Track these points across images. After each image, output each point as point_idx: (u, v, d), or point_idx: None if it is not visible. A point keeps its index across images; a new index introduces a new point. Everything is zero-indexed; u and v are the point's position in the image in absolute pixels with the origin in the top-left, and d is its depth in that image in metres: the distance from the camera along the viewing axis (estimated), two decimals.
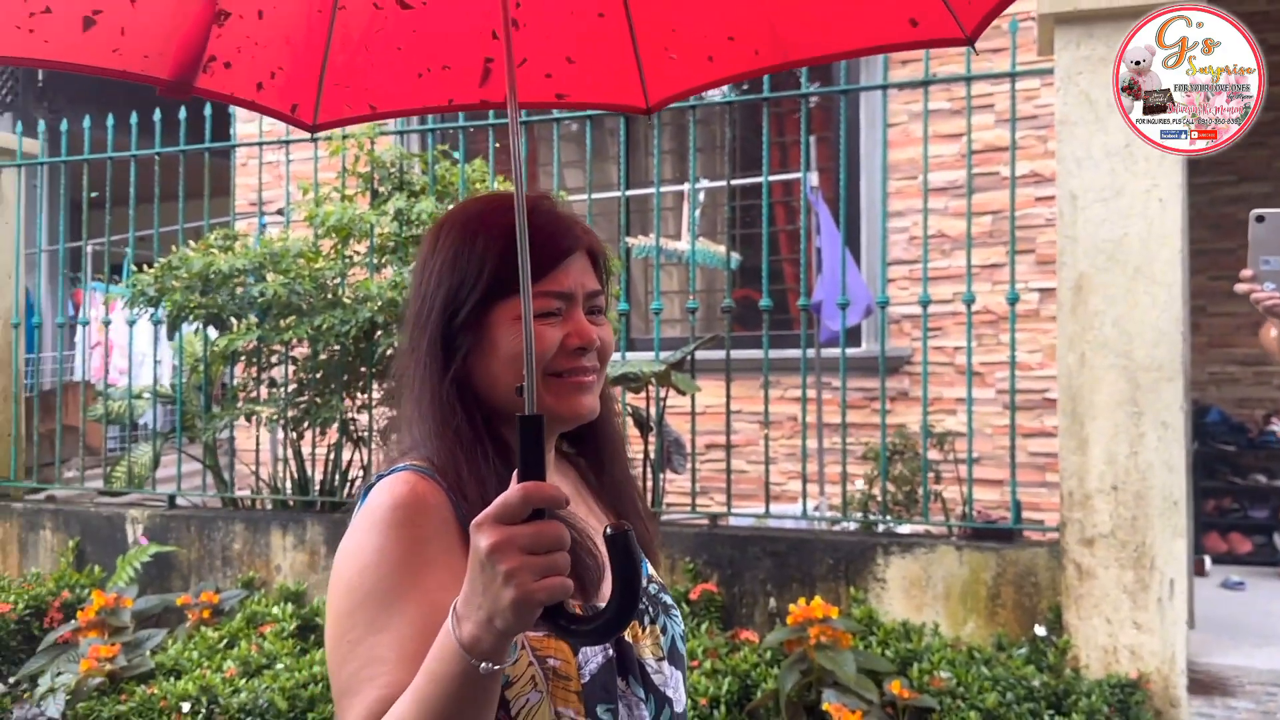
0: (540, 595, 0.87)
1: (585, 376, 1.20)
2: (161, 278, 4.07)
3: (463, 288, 1.17)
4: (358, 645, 1.03)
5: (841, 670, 3.12)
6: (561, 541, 0.89)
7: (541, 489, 0.90)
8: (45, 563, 4.65)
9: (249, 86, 1.64)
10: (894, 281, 5.38)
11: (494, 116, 4.18)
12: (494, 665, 0.90)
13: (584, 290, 1.21)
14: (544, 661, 1.09)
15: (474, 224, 1.21)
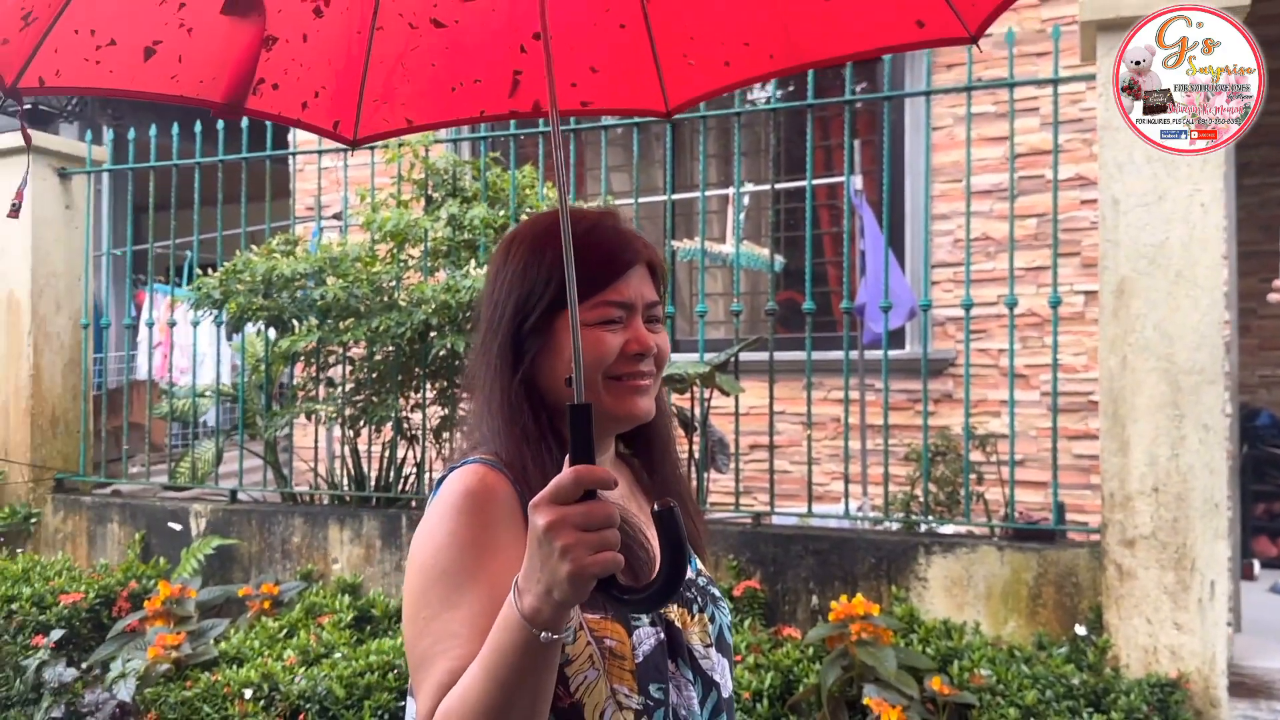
0: (594, 568, 0.95)
1: (642, 380, 1.30)
2: (225, 281, 4.23)
3: (531, 296, 1.27)
4: (432, 621, 1.12)
5: (882, 666, 3.18)
6: (611, 519, 0.97)
7: (592, 471, 0.98)
8: (113, 554, 4.84)
9: (295, 106, 1.76)
10: (938, 284, 5.41)
11: (543, 124, 4.29)
12: (553, 635, 0.98)
13: (644, 301, 1.30)
14: (601, 641, 1.18)
15: (543, 238, 1.31)
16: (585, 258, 1.24)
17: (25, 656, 4.01)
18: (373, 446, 4.59)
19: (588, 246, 1.27)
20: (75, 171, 5.19)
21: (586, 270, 1.24)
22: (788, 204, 5.89)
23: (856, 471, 5.26)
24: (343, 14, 1.66)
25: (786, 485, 5.30)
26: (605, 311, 1.27)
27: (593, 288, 1.26)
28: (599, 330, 1.27)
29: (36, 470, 4.99)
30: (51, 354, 5.11)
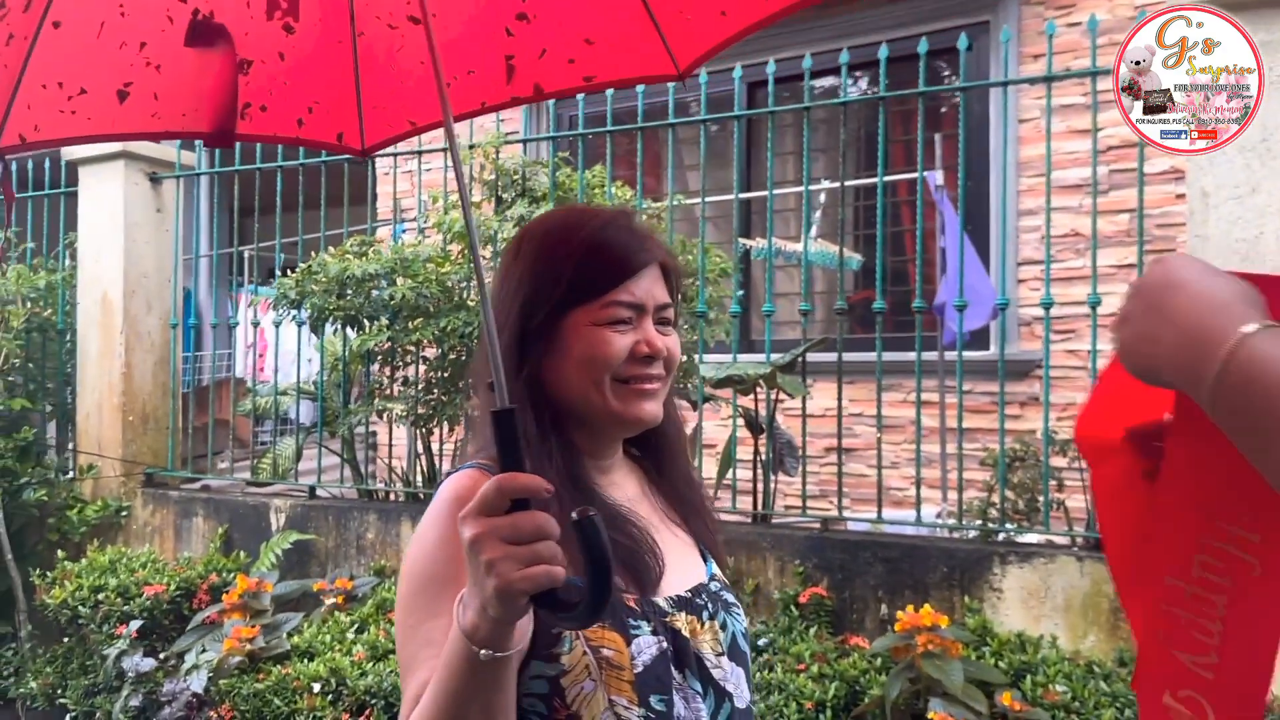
0: (521, 584, 0.90)
1: (650, 384, 1.27)
2: (302, 282, 4.31)
3: (540, 294, 1.24)
4: (416, 629, 1.11)
5: (949, 680, 3.06)
6: (543, 531, 0.92)
7: (514, 479, 0.93)
8: (197, 547, 4.98)
9: (289, 124, 1.75)
10: (1024, 282, 5.22)
11: (611, 122, 4.26)
12: (495, 653, 0.95)
13: (655, 302, 1.27)
14: (598, 651, 1.14)
15: (554, 235, 1.29)
16: (597, 256, 1.24)
17: (109, 645, 4.15)
18: (445, 444, 4.63)
19: (600, 244, 1.25)
20: (165, 176, 5.36)
21: (597, 269, 1.23)
22: (866, 201, 5.76)
23: (932, 477, 5.11)
24: (316, 26, 1.65)
25: (861, 489, 5.18)
26: (614, 311, 1.24)
27: (603, 287, 1.24)
28: (607, 330, 1.24)
29: (127, 465, 5.17)
30: (142, 352, 5.29)
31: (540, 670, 1.13)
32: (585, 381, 1.25)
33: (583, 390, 1.26)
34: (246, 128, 1.69)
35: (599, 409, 1.27)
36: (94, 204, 5.32)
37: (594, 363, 1.23)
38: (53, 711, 4.48)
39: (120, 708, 3.96)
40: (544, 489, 0.94)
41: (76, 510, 5.03)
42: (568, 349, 1.24)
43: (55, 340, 5.58)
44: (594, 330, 1.23)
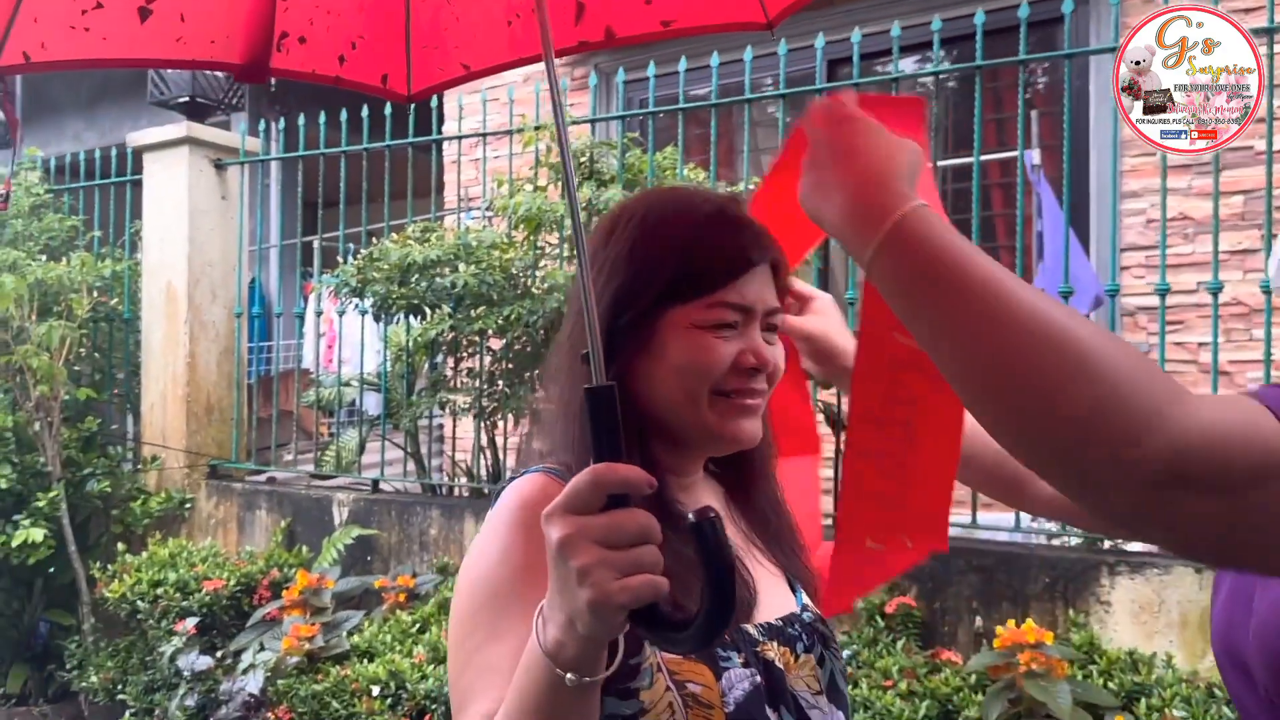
0: (620, 597, 0.76)
1: (753, 399, 1.11)
2: (364, 269, 4.16)
3: (636, 285, 1.09)
4: (475, 653, 0.97)
5: (1055, 702, 2.79)
6: (646, 533, 0.78)
7: (614, 470, 0.79)
8: (260, 541, 4.88)
9: (330, 61, 1.56)
10: (1128, 269, 4.86)
11: (683, 100, 4.03)
12: (583, 677, 0.80)
13: (764, 306, 1.12)
14: (683, 687, 0.99)
15: (656, 218, 1.12)
16: (706, 248, 1.09)
17: (167, 641, 4.05)
18: (510, 438, 4.46)
19: (708, 235, 1.10)
20: (230, 162, 5.27)
21: (706, 263, 1.09)
22: (954, 184, 5.44)
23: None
24: None
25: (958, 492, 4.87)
26: (720, 314, 1.08)
27: (709, 284, 1.08)
28: (709, 335, 1.08)
29: (191, 457, 5.09)
30: (207, 342, 5.21)
31: (614, 709, 0.97)
32: (679, 391, 1.08)
33: (675, 400, 1.09)
34: (282, 61, 1.52)
35: (692, 423, 1.09)
36: (158, 191, 5.25)
37: (693, 371, 1.08)
38: (113, 706, 4.41)
39: (177, 706, 3.86)
40: (647, 483, 0.79)
41: (140, 502, 4.97)
42: (663, 351, 1.08)
43: (122, 330, 5.54)
44: (695, 333, 1.08)
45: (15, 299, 4.47)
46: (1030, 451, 0.76)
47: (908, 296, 0.83)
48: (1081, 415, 0.71)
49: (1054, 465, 0.75)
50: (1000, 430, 0.78)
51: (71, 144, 6.09)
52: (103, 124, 8.93)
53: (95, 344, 5.54)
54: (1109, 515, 0.77)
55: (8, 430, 4.76)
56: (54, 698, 4.93)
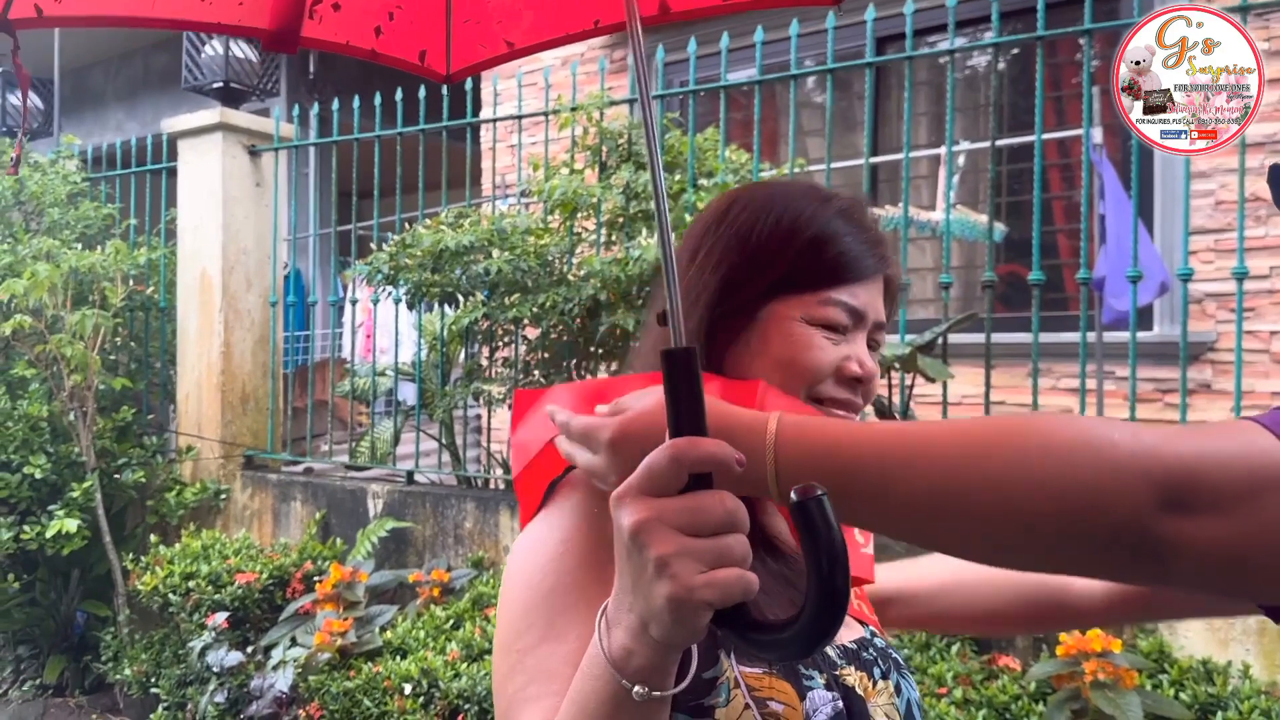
0: (706, 592, 0.65)
1: (850, 413, 1.02)
2: (395, 256, 4.05)
3: (748, 270, 1.02)
4: (528, 655, 0.86)
5: (1124, 715, 2.61)
6: (733, 519, 0.67)
7: (696, 445, 0.68)
8: (295, 532, 4.81)
9: (365, 32, 1.44)
10: (1195, 254, 4.62)
11: (724, 78, 3.86)
12: (652, 691, 0.70)
13: (875, 317, 1.05)
14: (763, 705, 0.87)
15: (779, 206, 1.04)
16: (830, 244, 1.02)
17: (198, 635, 3.98)
18: None
19: (836, 232, 1.02)
20: (264, 149, 5.19)
21: (828, 258, 1.01)
22: (1010, 165, 5.22)
23: None
24: None
25: None
26: (833, 313, 1.01)
27: (828, 278, 1.01)
28: (818, 333, 1.00)
29: (226, 447, 5.03)
30: (242, 331, 5.13)
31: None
32: (782, 388, 0.97)
33: None
34: (314, 30, 1.40)
35: None
36: (192, 178, 5.18)
37: (796, 367, 0.99)
38: (147, 699, 4.36)
39: (208, 701, 3.79)
40: (736, 459, 0.68)
41: (175, 493, 4.91)
42: (765, 342, 1.00)
43: (158, 318, 5.49)
44: (803, 328, 1.00)
45: (49, 288, 4.42)
46: (1050, 559, 0.74)
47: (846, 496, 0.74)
48: (1070, 498, 0.69)
49: (1072, 554, 0.73)
50: (1021, 558, 0.76)
51: (114, 134, 6.08)
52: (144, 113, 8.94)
53: (132, 333, 5.50)
54: (1145, 570, 0.73)
55: (43, 420, 4.72)
56: (90, 689, 4.90)
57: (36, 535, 4.50)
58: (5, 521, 4.56)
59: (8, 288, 4.32)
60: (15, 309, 4.49)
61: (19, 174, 5.12)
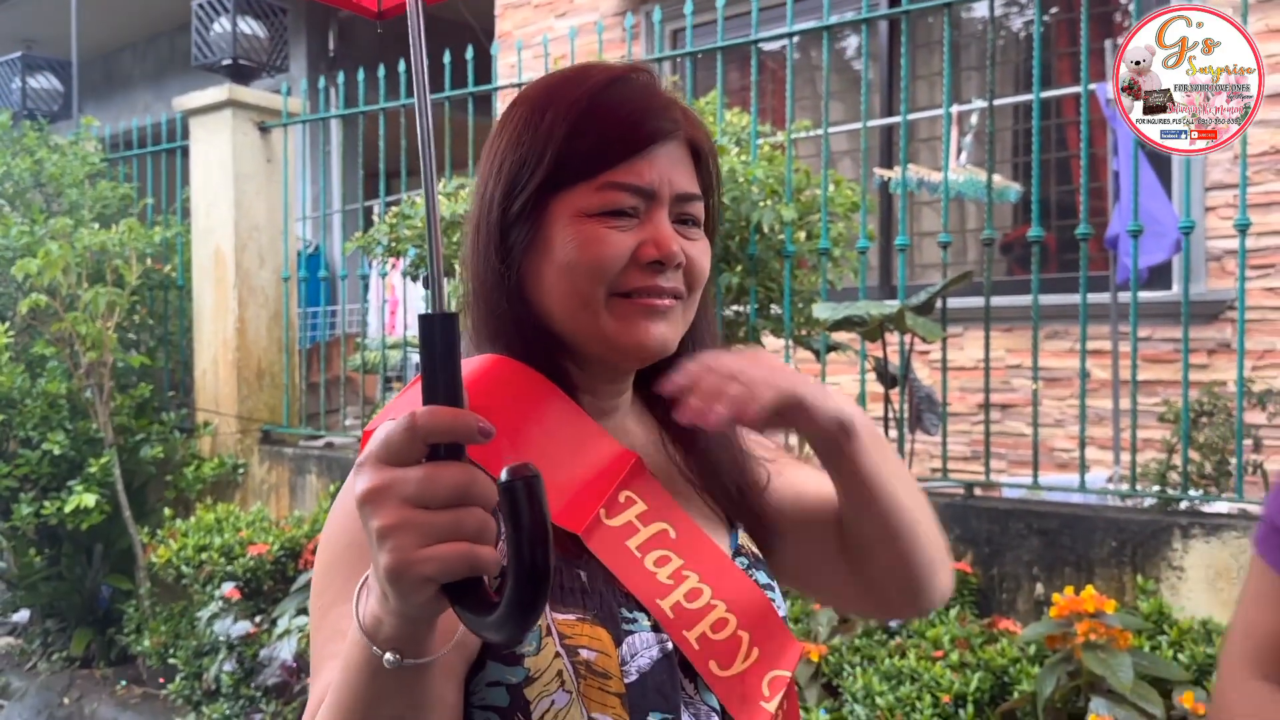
0: (424, 567, 0.64)
1: (658, 299, 0.94)
2: (395, 226, 4.06)
3: (523, 173, 0.94)
4: (328, 612, 0.85)
5: (1115, 676, 2.56)
6: (467, 491, 0.65)
7: (434, 414, 0.65)
8: (311, 506, 4.86)
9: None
10: (1213, 210, 4.50)
11: (722, 38, 3.81)
12: (403, 659, 0.69)
13: (673, 190, 0.95)
14: (574, 652, 0.86)
15: (544, 97, 0.97)
16: (595, 122, 0.93)
17: (209, 606, 4.05)
18: None
19: (601, 107, 0.94)
20: (274, 124, 5.21)
21: (594, 139, 0.93)
22: (1024, 124, 5.11)
23: (1101, 436, 4.50)
24: None
25: (1019, 451, 4.61)
26: (612, 197, 0.92)
27: (599, 164, 0.93)
28: (599, 224, 0.92)
29: (243, 422, 5.09)
30: (256, 307, 5.18)
31: (498, 675, 0.85)
32: (570, 294, 0.93)
33: (568, 305, 0.93)
34: None
35: (588, 331, 0.94)
36: (204, 156, 5.23)
37: (582, 268, 0.92)
38: (166, 670, 4.45)
39: (218, 670, 3.85)
40: (478, 428, 0.66)
41: (193, 468, 4.98)
42: (549, 245, 0.94)
43: (177, 296, 5.55)
44: (583, 223, 0.92)
45: (64, 267, 4.48)
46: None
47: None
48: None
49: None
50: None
51: (142, 116, 6.11)
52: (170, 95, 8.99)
53: (151, 311, 5.57)
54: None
55: (61, 397, 4.80)
56: (115, 661, 5.00)
57: (57, 511, 4.59)
58: (26, 497, 4.65)
59: (21, 267, 4.39)
60: (32, 288, 4.56)
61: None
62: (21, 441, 4.77)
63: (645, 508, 0.94)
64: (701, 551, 0.95)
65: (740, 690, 0.93)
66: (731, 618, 0.93)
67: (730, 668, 0.93)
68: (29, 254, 4.62)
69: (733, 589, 0.95)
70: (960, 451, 4.73)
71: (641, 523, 0.93)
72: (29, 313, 4.65)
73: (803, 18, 4.01)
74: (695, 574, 0.93)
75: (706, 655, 0.92)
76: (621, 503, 0.93)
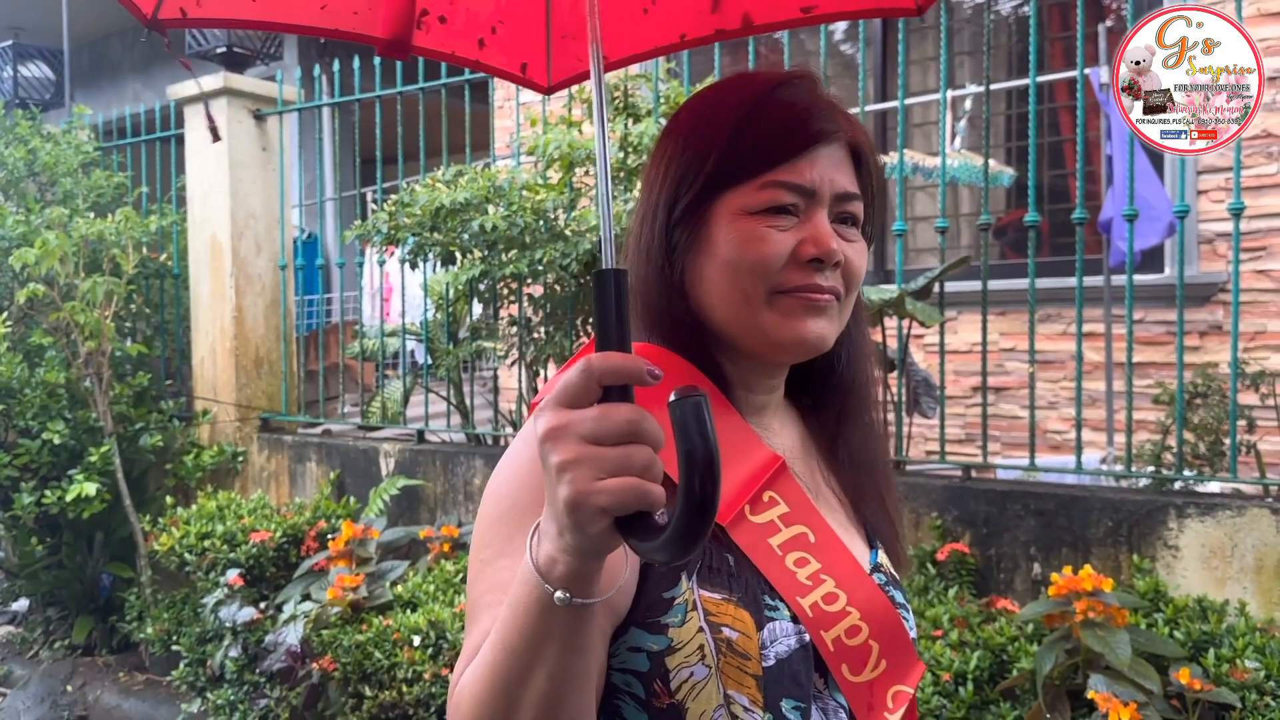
0: (600, 498, 0.68)
1: (820, 295, 0.97)
2: (394, 214, 4.07)
3: (688, 172, 0.99)
4: (487, 566, 0.89)
5: (1113, 653, 2.60)
6: (641, 431, 0.69)
7: (608, 358, 0.71)
8: (310, 493, 4.88)
9: (469, 43, 1.52)
10: (1205, 193, 4.54)
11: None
12: (573, 598, 0.73)
13: (833, 189, 0.98)
14: (717, 630, 0.89)
15: (710, 102, 1.03)
16: (759, 124, 0.97)
17: (213, 594, 4.07)
18: None
19: (764, 111, 0.98)
20: (268, 112, 5.21)
21: (757, 139, 0.97)
22: (1018, 108, 5.14)
23: (1095, 418, 4.55)
24: None
25: (1014, 433, 4.66)
26: (773, 195, 0.96)
27: (760, 164, 0.96)
28: (761, 223, 0.96)
29: (241, 410, 5.10)
30: (253, 295, 5.19)
31: (641, 641, 0.89)
32: (734, 291, 0.96)
33: (729, 300, 0.97)
34: (423, 39, 1.49)
35: (748, 326, 0.97)
36: (199, 144, 5.22)
37: (745, 265, 0.96)
38: (170, 657, 4.47)
39: (223, 656, 3.87)
40: (648, 371, 0.71)
41: (193, 456, 5.00)
42: (713, 245, 0.98)
43: (173, 285, 5.55)
44: (745, 221, 0.96)
45: (60, 256, 4.48)
46: None
47: None
48: None
49: None
50: None
51: (131, 104, 6.09)
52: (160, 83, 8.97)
53: (148, 300, 5.57)
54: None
55: (60, 387, 4.81)
56: (117, 648, 5.02)
57: (57, 500, 4.60)
58: (27, 486, 4.66)
59: (19, 257, 4.39)
60: (29, 278, 4.56)
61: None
62: (21, 431, 4.78)
63: (787, 509, 0.98)
64: (838, 559, 0.98)
65: (868, 698, 0.97)
66: (864, 626, 0.97)
67: (860, 674, 0.97)
68: (25, 244, 4.61)
69: (867, 599, 0.99)
70: (954, 434, 4.78)
71: (783, 523, 0.97)
72: (27, 302, 4.65)
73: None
74: (832, 579, 0.97)
75: (840, 658, 0.95)
76: (765, 502, 0.97)
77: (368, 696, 3.46)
